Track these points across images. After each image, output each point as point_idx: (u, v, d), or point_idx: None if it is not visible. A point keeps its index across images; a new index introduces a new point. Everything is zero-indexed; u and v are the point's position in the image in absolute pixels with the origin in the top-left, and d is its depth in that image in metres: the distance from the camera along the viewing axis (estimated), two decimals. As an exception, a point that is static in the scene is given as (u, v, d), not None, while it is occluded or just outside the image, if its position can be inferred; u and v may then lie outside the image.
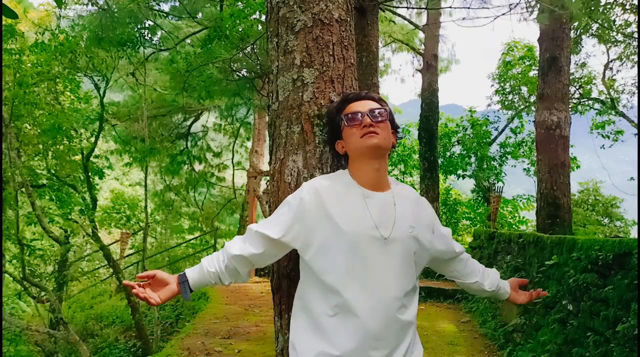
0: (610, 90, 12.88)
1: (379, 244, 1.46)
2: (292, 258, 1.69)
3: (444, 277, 7.95)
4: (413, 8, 10.70)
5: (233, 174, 13.77)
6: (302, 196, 1.53)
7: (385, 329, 1.44)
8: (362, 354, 1.43)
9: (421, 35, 13.40)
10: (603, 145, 13.07)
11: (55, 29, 8.58)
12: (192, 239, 15.52)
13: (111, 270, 9.83)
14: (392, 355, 1.45)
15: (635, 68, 12.26)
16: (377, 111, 1.56)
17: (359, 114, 1.56)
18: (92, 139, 9.86)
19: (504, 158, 13.58)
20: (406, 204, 1.56)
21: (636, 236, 4.82)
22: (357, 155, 1.57)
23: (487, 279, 1.78)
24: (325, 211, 1.49)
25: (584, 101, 13.35)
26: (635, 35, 10.38)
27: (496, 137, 14.13)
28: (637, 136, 12.09)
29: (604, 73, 12.90)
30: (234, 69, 7.30)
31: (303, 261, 1.58)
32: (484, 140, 13.49)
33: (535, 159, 7.87)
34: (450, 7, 9.02)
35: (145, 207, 9.80)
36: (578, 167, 12.16)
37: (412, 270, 1.51)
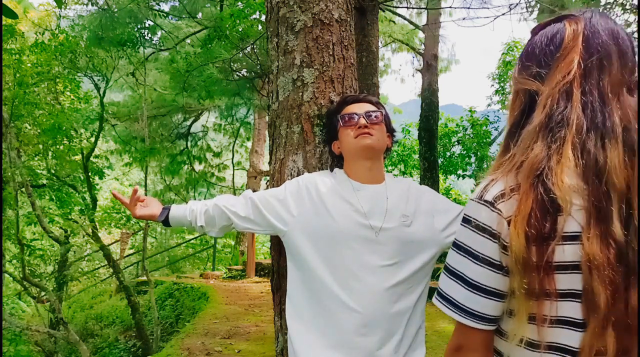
0: (610, 90, 12.88)
1: (369, 234, 1.49)
2: (292, 258, 1.70)
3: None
4: (413, 8, 10.70)
5: (233, 174, 13.76)
6: (299, 180, 1.62)
7: (375, 317, 1.46)
8: (350, 341, 1.45)
9: (421, 35, 13.40)
10: (603, 145, 13.07)
11: (55, 29, 8.57)
12: (192, 239, 15.51)
13: (111, 270, 9.83)
14: (384, 344, 1.46)
15: (635, 68, 12.27)
16: (372, 113, 1.60)
17: (355, 115, 1.59)
18: (92, 139, 9.85)
19: (504, 158, 13.56)
20: (399, 195, 1.57)
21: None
22: (350, 155, 1.61)
23: None
24: (320, 198, 1.54)
25: (584, 101, 13.34)
26: (635, 35, 10.39)
27: (496, 137, 14.13)
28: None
29: (604, 73, 12.90)
30: (234, 69, 7.30)
31: (289, 248, 1.61)
32: (484, 140, 13.48)
33: (535, 159, 7.85)
34: (450, 7, 9.00)
35: (145, 207, 9.77)
36: (578, 167, 12.16)
37: (409, 260, 1.51)
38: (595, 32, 0.86)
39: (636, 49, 0.88)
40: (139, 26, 7.75)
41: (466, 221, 0.87)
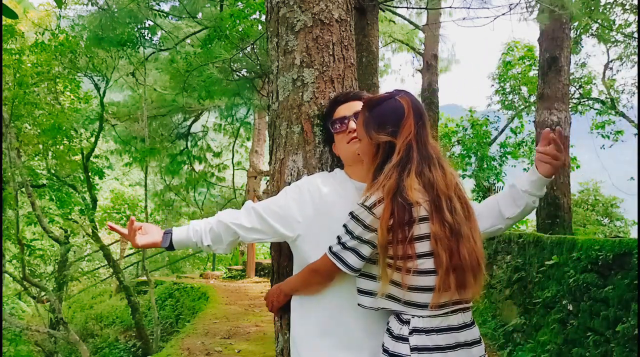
0: (610, 90, 12.86)
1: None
2: (293, 258, 1.70)
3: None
4: (413, 8, 10.69)
5: (233, 174, 13.74)
6: (299, 185, 1.60)
7: (381, 318, 1.46)
8: (357, 342, 1.46)
9: (421, 35, 13.38)
10: (603, 145, 13.04)
11: (55, 29, 8.56)
12: (192, 239, 15.48)
13: (111, 270, 9.83)
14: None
15: (635, 68, 12.25)
16: None
17: (345, 119, 1.59)
18: (92, 139, 9.85)
19: (504, 158, 13.55)
20: None
21: (636, 236, 4.82)
22: (346, 160, 1.62)
23: (509, 208, 1.57)
24: (323, 200, 1.54)
25: (584, 101, 13.32)
26: (635, 35, 10.38)
27: (496, 137, 14.11)
28: (637, 136, 12.07)
29: (604, 73, 12.87)
30: (234, 69, 7.30)
31: (296, 253, 1.61)
32: (484, 140, 13.46)
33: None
34: (450, 7, 8.98)
35: (145, 207, 9.79)
36: (578, 167, 12.13)
37: None
38: (416, 105, 1.45)
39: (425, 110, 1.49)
40: (139, 26, 7.74)
41: (355, 218, 1.38)
